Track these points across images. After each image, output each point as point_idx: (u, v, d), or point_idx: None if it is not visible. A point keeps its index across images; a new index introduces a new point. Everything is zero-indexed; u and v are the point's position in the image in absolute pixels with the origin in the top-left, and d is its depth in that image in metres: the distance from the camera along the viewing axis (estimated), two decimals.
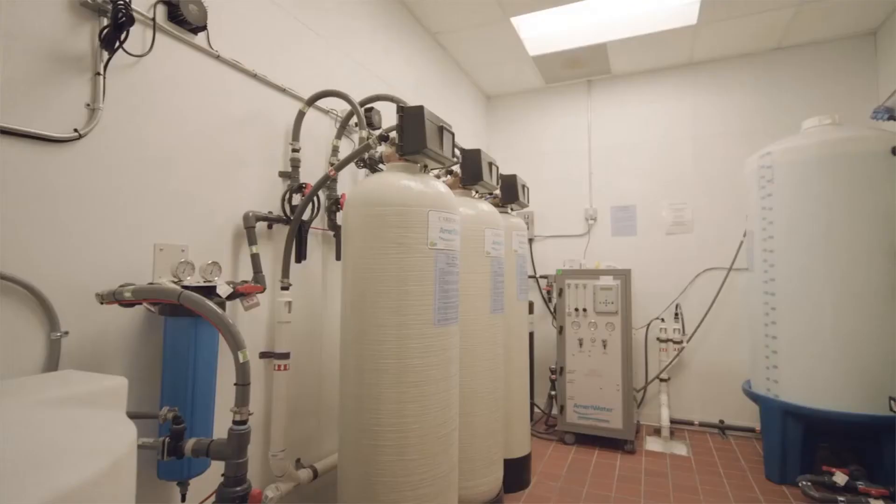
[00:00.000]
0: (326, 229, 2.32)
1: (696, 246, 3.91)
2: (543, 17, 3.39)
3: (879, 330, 2.62)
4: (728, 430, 3.68)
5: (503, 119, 4.68)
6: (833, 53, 3.61)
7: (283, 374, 1.92)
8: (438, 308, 1.80)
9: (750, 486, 2.81)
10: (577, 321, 3.51)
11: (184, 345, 1.45)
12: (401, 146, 1.81)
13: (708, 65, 3.98)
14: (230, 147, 1.86)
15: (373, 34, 2.82)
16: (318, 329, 2.27)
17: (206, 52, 1.76)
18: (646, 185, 4.10)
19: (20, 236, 1.25)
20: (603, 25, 3.52)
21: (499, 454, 2.41)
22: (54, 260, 1.31)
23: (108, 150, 1.45)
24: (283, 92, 2.09)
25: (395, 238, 1.73)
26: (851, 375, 2.64)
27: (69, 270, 1.34)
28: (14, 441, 0.79)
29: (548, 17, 3.40)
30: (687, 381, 3.87)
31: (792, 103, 3.70)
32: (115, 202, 1.46)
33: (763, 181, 3.05)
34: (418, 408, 1.73)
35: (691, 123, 4.00)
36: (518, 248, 2.84)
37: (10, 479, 0.66)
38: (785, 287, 2.89)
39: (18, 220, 1.24)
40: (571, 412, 3.47)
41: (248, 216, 1.85)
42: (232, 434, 1.26)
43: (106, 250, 1.44)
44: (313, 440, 2.23)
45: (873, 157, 2.69)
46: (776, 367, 2.91)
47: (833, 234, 2.73)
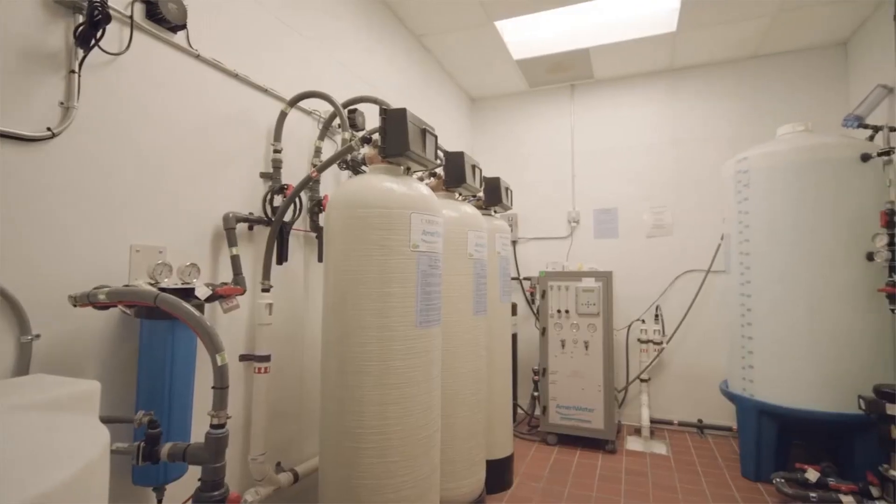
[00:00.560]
0: (308, 231, 2.30)
1: (676, 248, 3.98)
2: (527, 21, 3.43)
3: (850, 331, 2.70)
4: (706, 429, 3.76)
5: (488, 122, 4.71)
6: (807, 62, 3.72)
7: (263, 377, 1.90)
8: (421, 310, 1.80)
9: (727, 484, 2.87)
10: (559, 322, 3.55)
11: (160, 348, 1.43)
12: (383, 148, 1.81)
13: (688, 71, 4.06)
14: (210, 147, 1.84)
15: (357, 35, 2.82)
16: (299, 331, 2.25)
17: (186, 51, 1.74)
18: (627, 189, 4.17)
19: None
20: (585, 31, 3.57)
21: (481, 455, 2.42)
22: (25, 261, 1.28)
23: (82, 150, 1.42)
24: (264, 92, 2.08)
25: (377, 240, 1.73)
26: (824, 375, 2.71)
27: (41, 272, 1.31)
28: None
29: (531, 21, 3.44)
30: (667, 381, 3.94)
31: (768, 110, 3.80)
32: (89, 202, 1.44)
33: (740, 185, 3.12)
34: (400, 410, 1.73)
35: (671, 128, 4.08)
36: (501, 250, 2.85)
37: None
38: (760, 289, 2.96)
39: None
40: (554, 413, 3.50)
41: (229, 217, 1.83)
42: (209, 438, 1.25)
43: (80, 252, 1.41)
44: (294, 443, 2.21)
45: (844, 164, 2.78)
46: (752, 368, 2.98)
47: (806, 238, 2.81)
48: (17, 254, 1.27)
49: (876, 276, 2.67)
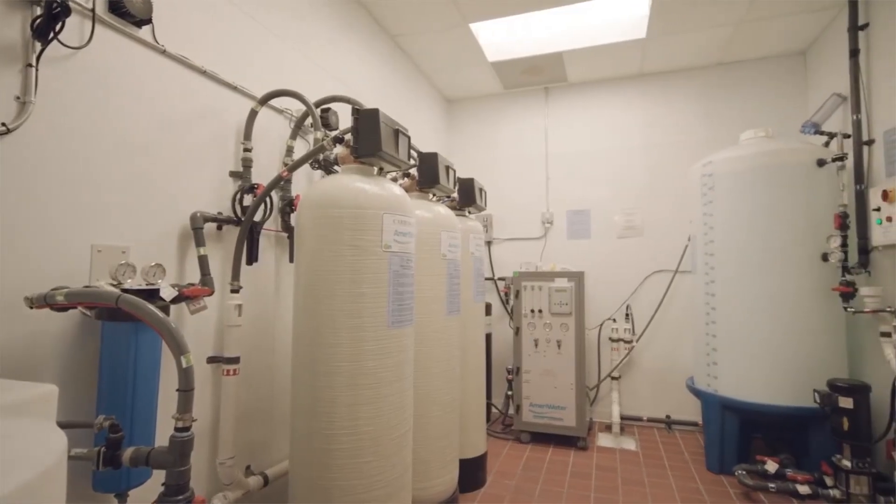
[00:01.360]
0: (280, 231, 2.28)
1: (646, 249, 4.09)
2: (502, 24, 3.47)
3: (807, 328, 2.83)
4: (674, 424, 3.87)
5: (463, 123, 4.74)
6: (768, 70, 3.87)
7: (232, 379, 1.87)
8: (393, 310, 1.81)
9: (692, 477, 2.96)
10: (532, 322, 3.60)
11: (123, 351, 1.39)
12: (356, 148, 1.81)
13: (657, 76, 4.18)
14: (177, 145, 1.80)
15: (331, 35, 2.80)
16: (270, 332, 2.22)
17: (152, 46, 1.70)
18: (599, 191, 4.26)
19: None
20: (559, 35, 3.63)
21: (454, 455, 2.43)
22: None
23: (40, 146, 1.38)
24: (234, 90, 2.05)
25: (349, 240, 1.73)
26: (782, 371, 2.83)
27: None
28: None
29: (506, 24, 3.48)
30: (637, 378, 4.04)
31: (732, 116, 3.94)
32: (47, 200, 1.39)
33: (705, 189, 3.23)
34: (372, 410, 1.73)
35: (641, 132, 4.19)
36: (475, 251, 2.88)
37: None
38: (724, 289, 3.07)
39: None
40: (527, 411, 3.55)
41: (196, 217, 1.79)
42: (173, 441, 1.22)
43: (37, 252, 1.36)
44: (265, 446, 2.18)
45: (802, 168, 2.91)
46: (716, 364, 3.08)
47: (766, 239, 2.93)
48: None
49: (830, 275, 2.80)
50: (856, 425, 2.47)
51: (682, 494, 2.73)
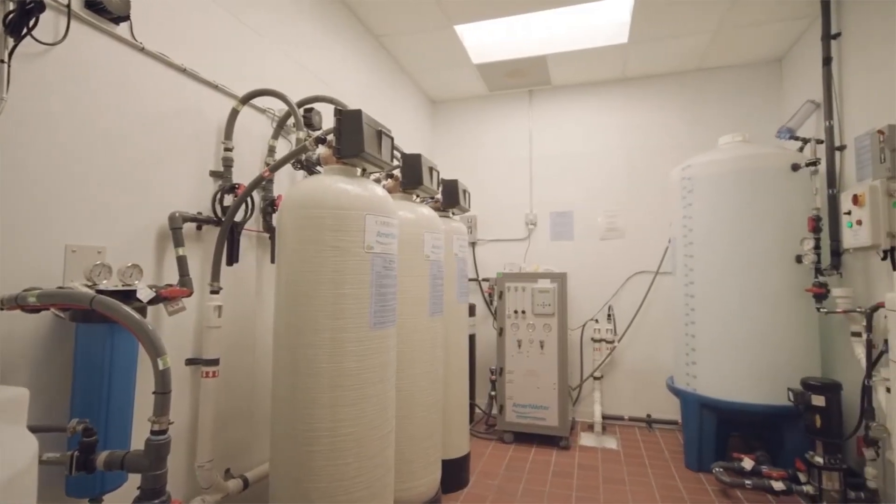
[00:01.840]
0: (261, 231, 2.26)
1: (628, 251, 4.15)
2: (486, 26, 3.49)
3: (782, 328, 2.90)
4: (654, 423, 3.93)
5: (448, 124, 4.75)
6: (746, 76, 3.97)
7: (211, 381, 1.85)
8: (375, 311, 1.81)
9: (671, 475, 3.01)
10: (516, 323, 3.62)
11: (97, 353, 1.37)
12: (338, 149, 1.81)
13: (639, 81, 4.24)
14: (156, 143, 1.77)
15: (315, 34, 2.79)
16: (251, 334, 2.20)
17: (130, 43, 1.67)
18: (582, 193, 4.31)
19: None
20: (543, 39, 3.67)
21: (437, 455, 2.44)
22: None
23: (13, 144, 1.34)
24: (215, 89, 2.02)
25: (331, 241, 1.72)
26: (758, 370, 2.90)
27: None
28: None
29: (491, 27, 3.50)
30: (618, 378, 4.10)
31: (711, 120, 4.02)
32: (20, 199, 1.36)
33: (684, 192, 3.29)
34: (354, 411, 1.73)
35: (624, 135, 4.25)
36: (458, 252, 2.89)
37: None
38: (703, 290, 3.13)
39: None
40: (510, 412, 3.57)
41: (175, 216, 1.77)
42: (149, 444, 1.21)
43: (9, 252, 1.33)
44: (245, 449, 2.16)
45: (777, 172, 2.98)
46: (695, 364, 3.14)
47: (742, 242, 3.00)
48: None
49: (804, 277, 2.88)
50: (828, 423, 2.54)
51: (661, 492, 2.78)
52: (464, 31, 3.54)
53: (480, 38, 3.67)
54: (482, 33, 3.59)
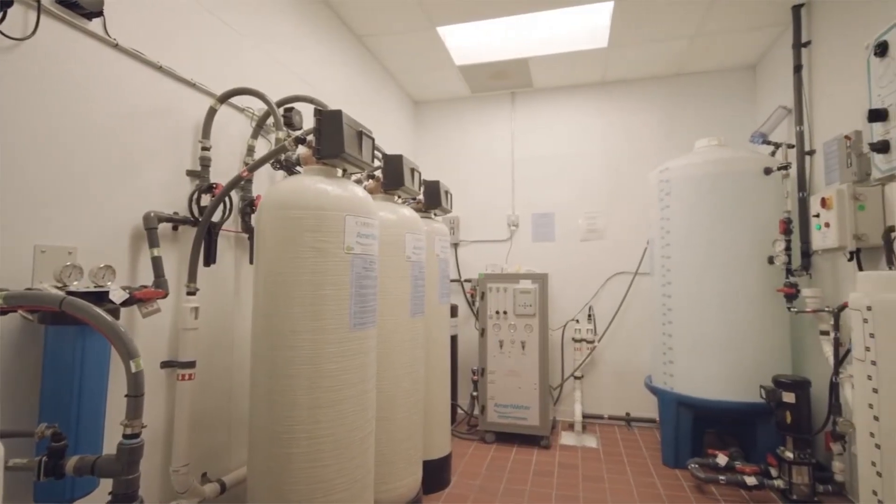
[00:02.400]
0: (240, 231, 2.23)
1: (608, 252, 4.21)
2: (469, 29, 3.51)
3: (755, 328, 2.98)
4: (633, 421, 4.00)
5: (431, 124, 4.76)
6: (721, 82, 4.06)
7: (187, 384, 1.82)
8: (355, 312, 1.80)
9: (649, 472, 3.07)
10: (498, 323, 3.64)
11: (68, 356, 1.34)
12: (318, 150, 1.80)
13: (619, 84, 4.31)
14: (130, 142, 1.74)
15: (295, 33, 2.77)
16: (229, 335, 2.17)
17: (103, 39, 1.64)
18: (564, 195, 4.35)
19: None
20: (525, 41, 3.70)
21: (418, 456, 2.44)
22: None
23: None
24: (192, 87, 1.99)
25: (310, 242, 1.71)
26: (731, 368, 2.98)
27: None
28: None
29: (473, 29, 3.52)
30: (598, 377, 4.15)
31: (688, 124, 4.11)
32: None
33: (662, 194, 3.36)
34: (333, 413, 1.72)
35: (604, 138, 4.31)
36: (440, 253, 2.90)
37: None
38: (679, 290, 3.20)
39: None
40: (492, 412, 3.59)
41: (150, 216, 1.74)
42: (121, 448, 1.18)
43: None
44: (223, 452, 2.13)
45: (750, 176, 3.06)
46: (672, 363, 3.21)
47: (717, 243, 3.07)
48: None
49: (775, 277, 2.96)
50: (797, 419, 2.62)
51: (639, 489, 2.83)
52: (446, 33, 3.55)
53: (463, 40, 3.68)
54: (465, 35, 3.61)
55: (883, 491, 1.33)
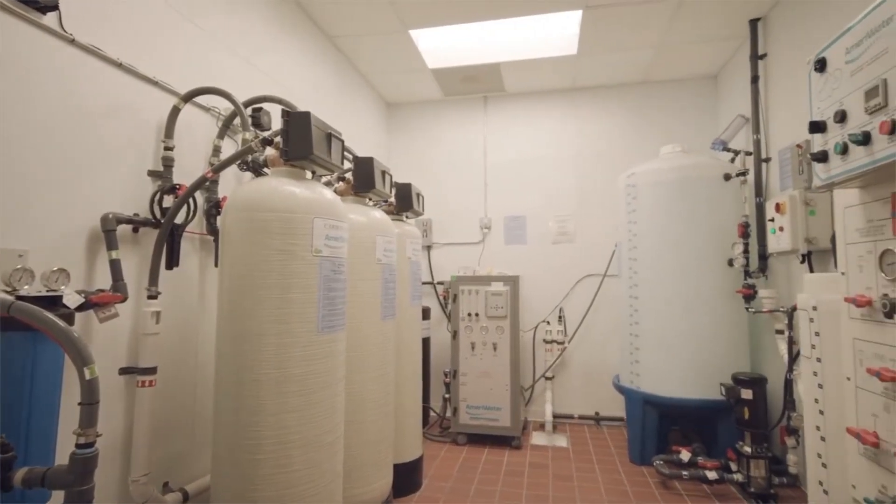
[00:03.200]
0: (205, 233, 2.18)
1: (578, 255, 4.29)
2: (441, 32, 3.53)
3: (716, 328, 3.09)
4: (602, 420, 4.08)
5: (404, 127, 4.75)
6: (685, 90, 4.21)
7: (147, 391, 1.76)
8: (323, 315, 1.78)
9: (616, 470, 3.14)
10: (470, 325, 3.67)
11: (17, 363, 1.28)
12: (286, 151, 1.77)
13: (588, 91, 4.41)
14: (88, 140, 1.68)
15: (265, 33, 2.72)
16: (193, 340, 2.12)
17: (58, 34, 1.58)
18: (535, 198, 4.42)
19: None
20: (497, 47, 3.74)
21: (388, 459, 2.43)
22: None
23: None
24: (154, 85, 1.94)
25: (277, 245, 1.69)
26: (694, 367, 3.08)
27: None
28: None
29: (446, 33, 3.54)
30: (569, 378, 4.23)
31: (654, 130, 4.24)
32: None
33: (629, 198, 3.45)
34: (301, 417, 1.70)
35: (574, 143, 4.40)
36: (412, 255, 2.90)
37: None
38: (645, 292, 3.29)
39: None
40: (464, 413, 3.61)
41: (108, 218, 1.68)
42: (74, 459, 1.14)
43: None
44: (186, 460, 2.07)
45: (712, 182, 3.18)
46: (638, 363, 3.29)
47: (681, 246, 3.17)
48: None
49: (735, 279, 3.08)
50: (755, 414, 2.73)
51: (606, 486, 2.89)
52: (419, 36, 3.56)
53: (436, 43, 3.70)
54: (437, 38, 3.63)
55: (828, 481, 1.41)
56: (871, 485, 1.20)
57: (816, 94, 1.33)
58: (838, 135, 1.22)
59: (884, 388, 1.18)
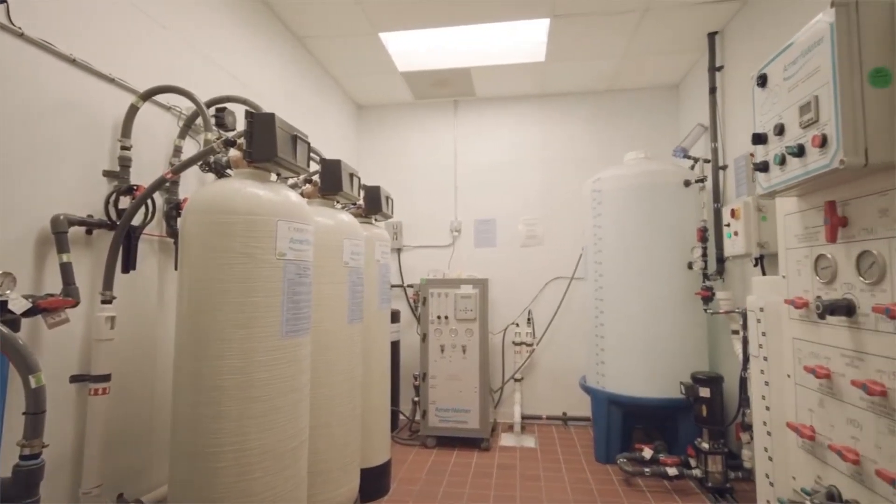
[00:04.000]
0: (164, 236, 2.12)
1: (546, 258, 4.37)
2: (412, 36, 3.53)
3: (677, 329, 3.20)
4: (570, 420, 4.16)
5: (375, 129, 4.74)
6: (649, 99, 4.35)
7: (101, 399, 1.70)
8: (287, 319, 1.76)
9: (582, 469, 3.21)
10: (439, 328, 3.68)
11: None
12: (249, 153, 1.75)
13: (556, 97, 4.51)
14: (38, 139, 1.61)
15: (231, 32, 2.67)
16: (151, 346, 2.05)
17: (6, 28, 1.51)
18: (505, 202, 4.48)
19: None
20: (468, 52, 3.77)
21: (355, 464, 2.41)
22: None
23: None
24: (111, 82, 1.88)
25: (240, 248, 1.66)
26: (656, 367, 3.18)
27: None
28: None
29: (416, 37, 3.55)
30: (537, 379, 4.29)
31: (619, 137, 4.36)
32: None
33: (595, 203, 3.54)
34: (263, 423, 1.67)
35: (542, 148, 4.48)
36: (381, 259, 2.89)
37: None
38: (610, 294, 3.38)
39: None
40: (433, 416, 3.61)
41: (59, 220, 1.61)
42: (18, 471, 1.09)
43: None
44: (142, 471, 2.00)
45: (673, 187, 3.30)
46: (603, 363, 3.38)
47: (644, 250, 3.28)
48: None
49: (694, 281, 3.20)
50: (712, 412, 2.83)
51: (572, 485, 2.95)
52: (389, 39, 3.56)
53: (407, 47, 3.70)
54: (408, 42, 3.63)
55: (774, 474, 1.49)
56: (809, 476, 1.27)
57: (759, 107, 1.40)
58: (778, 147, 1.29)
59: (819, 384, 1.26)
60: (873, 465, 1.08)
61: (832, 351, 1.22)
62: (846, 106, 1.03)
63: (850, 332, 1.16)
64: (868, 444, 1.10)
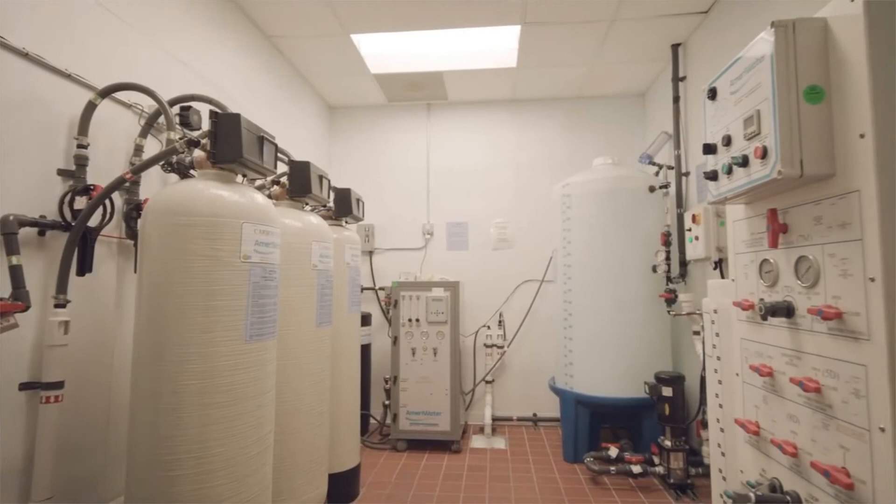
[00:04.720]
0: (123, 238, 2.05)
1: (517, 261, 4.43)
2: (384, 39, 3.54)
3: (642, 330, 3.29)
4: (539, 421, 4.22)
5: (347, 131, 4.71)
6: (617, 106, 4.47)
7: (53, 407, 1.63)
8: (252, 323, 1.74)
9: (551, 468, 3.26)
10: (410, 331, 3.68)
11: None
12: (213, 154, 1.72)
13: (527, 103, 4.58)
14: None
15: (198, 30, 2.62)
16: (108, 351, 1.99)
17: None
18: (477, 205, 4.52)
19: None
20: (440, 56, 3.80)
21: (323, 469, 2.38)
22: None
23: None
24: (67, 77, 1.81)
25: (202, 250, 1.62)
26: (622, 367, 3.26)
27: None
28: None
29: (389, 39, 3.56)
30: (508, 381, 4.33)
31: (587, 143, 4.46)
32: None
33: (564, 207, 3.61)
34: (225, 429, 1.64)
35: (513, 152, 4.54)
36: (350, 261, 2.87)
37: None
38: (578, 297, 3.45)
39: None
40: (404, 419, 3.61)
41: (9, 220, 1.55)
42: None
43: None
44: (97, 481, 1.93)
45: (638, 193, 3.39)
46: (572, 364, 3.44)
47: (611, 253, 3.36)
48: None
49: (658, 284, 3.30)
50: (674, 410, 2.93)
51: (541, 485, 2.99)
52: (361, 41, 3.55)
53: (379, 49, 3.70)
54: (380, 44, 3.63)
55: (726, 468, 1.55)
56: (755, 469, 1.33)
57: (710, 119, 1.47)
58: (725, 157, 1.36)
59: (763, 382, 1.32)
60: (809, 457, 1.15)
61: (774, 350, 1.29)
62: (784, 120, 1.10)
63: (790, 333, 1.22)
64: (805, 438, 1.17)
